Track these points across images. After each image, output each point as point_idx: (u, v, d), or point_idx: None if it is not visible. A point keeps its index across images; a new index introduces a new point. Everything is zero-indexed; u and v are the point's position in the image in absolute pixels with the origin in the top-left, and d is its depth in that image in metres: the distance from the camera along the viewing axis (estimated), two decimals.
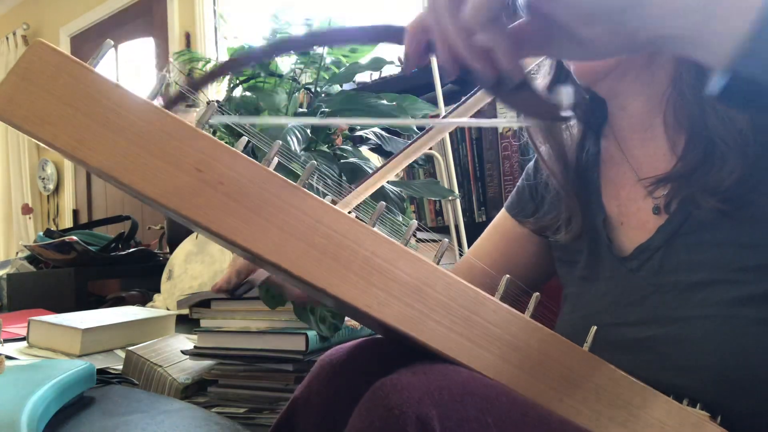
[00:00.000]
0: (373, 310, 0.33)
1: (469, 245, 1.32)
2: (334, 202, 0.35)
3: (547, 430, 0.34)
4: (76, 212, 3.30)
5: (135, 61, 2.99)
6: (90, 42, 3.16)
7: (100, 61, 0.31)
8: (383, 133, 1.05)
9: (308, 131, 0.91)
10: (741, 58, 0.25)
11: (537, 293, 0.39)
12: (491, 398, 0.34)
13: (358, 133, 1.07)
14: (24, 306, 1.58)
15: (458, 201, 1.30)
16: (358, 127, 1.05)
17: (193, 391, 0.85)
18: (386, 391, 0.32)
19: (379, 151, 1.12)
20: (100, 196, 3.19)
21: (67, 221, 3.27)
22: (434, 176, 1.38)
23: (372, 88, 1.50)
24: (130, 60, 3.02)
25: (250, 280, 0.46)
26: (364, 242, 0.34)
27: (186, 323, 1.08)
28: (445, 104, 1.29)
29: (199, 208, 0.31)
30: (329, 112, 1.01)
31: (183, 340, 0.96)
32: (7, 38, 3.51)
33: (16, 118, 0.29)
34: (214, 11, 2.63)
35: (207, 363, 0.85)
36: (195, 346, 0.84)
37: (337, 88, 1.04)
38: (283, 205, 0.33)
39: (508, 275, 0.39)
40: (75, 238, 1.59)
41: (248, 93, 1.07)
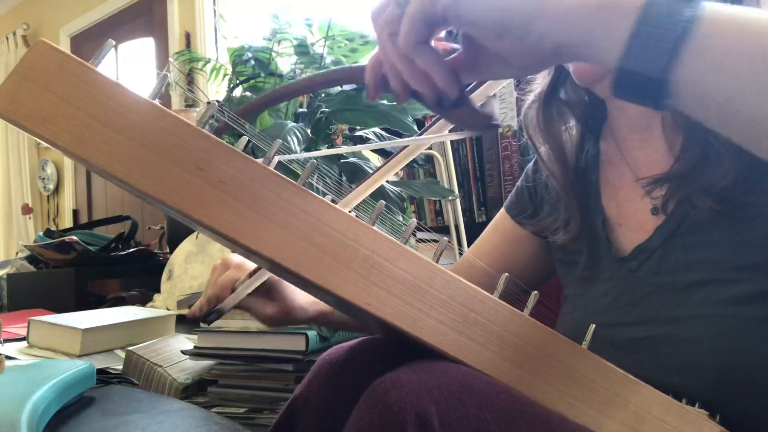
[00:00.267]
0: (372, 307, 0.34)
1: (469, 245, 1.32)
2: (334, 202, 0.35)
3: (546, 428, 0.34)
4: (76, 212, 3.30)
5: (135, 61, 2.99)
6: (90, 42, 3.16)
7: (101, 61, 0.31)
8: (383, 134, 1.05)
9: (308, 131, 0.91)
10: (626, 57, 0.28)
11: (536, 291, 0.39)
12: (490, 395, 0.34)
13: (358, 134, 1.07)
14: (24, 306, 1.58)
15: (458, 201, 1.30)
16: (358, 127, 1.05)
17: (193, 391, 0.85)
18: (386, 388, 0.32)
19: (379, 151, 1.12)
20: (100, 196, 3.19)
21: (67, 221, 3.28)
22: (434, 176, 1.39)
23: None
24: (130, 60, 3.02)
25: (219, 308, 0.49)
26: (364, 241, 0.34)
27: (186, 323, 1.08)
28: None
29: (200, 207, 0.32)
30: (329, 112, 1.01)
31: (183, 340, 0.96)
32: (7, 38, 3.51)
33: (19, 117, 0.29)
34: (214, 11, 2.63)
35: (207, 363, 0.85)
36: (195, 346, 0.84)
37: (337, 88, 1.04)
38: (283, 203, 0.33)
39: (507, 273, 0.39)
40: (75, 238, 1.59)
41: (248, 93, 1.07)
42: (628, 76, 0.28)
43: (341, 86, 1.03)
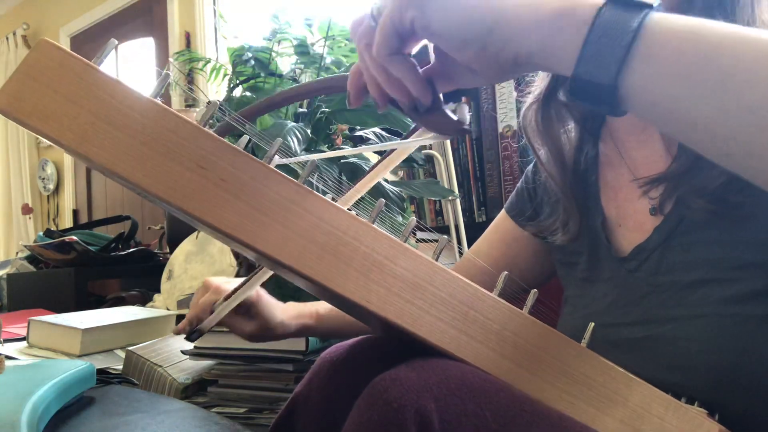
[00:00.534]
0: (372, 305, 0.34)
1: (469, 245, 1.32)
2: (334, 200, 0.35)
3: (546, 425, 0.34)
4: (76, 212, 3.30)
5: (135, 61, 2.99)
6: (90, 42, 3.16)
7: (104, 60, 0.31)
8: (383, 133, 1.05)
9: (308, 131, 0.91)
10: (579, 65, 0.30)
11: (535, 289, 0.39)
12: (490, 393, 0.34)
13: (358, 133, 1.08)
14: (24, 306, 1.58)
15: (458, 201, 1.30)
16: (358, 127, 1.05)
17: (193, 391, 0.85)
18: (385, 385, 0.32)
19: (380, 151, 1.12)
20: (100, 196, 3.19)
21: (67, 221, 3.28)
22: (434, 176, 1.39)
23: None
24: (130, 60, 3.02)
25: (199, 328, 0.52)
26: (364, 239, 0.34)
27: None
28: (445, 104, 1.29)
29: (201, 205, 0.32)
30: (329, 112, 1.01)
31: (183, 340, 0.96)
32: (7, 38, 3.51)
33: (23, 115, 0.29)
34: (214, 11, 2.63)
35: (207, 363, 0.85)
36: (195, 346, 0.84)
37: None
38: (284, 202, 0.33)
39: (506, 272, 0.39)
40: (75, 238, 1.59)
41: (248, 93, 1.07)
42: (582, 84, 0.30)
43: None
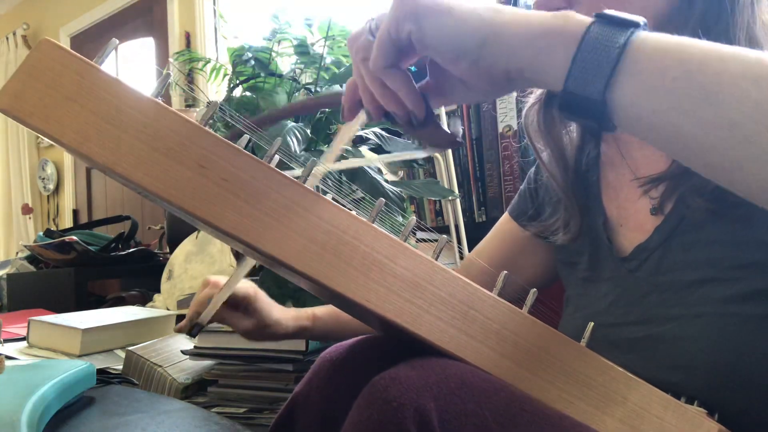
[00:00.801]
0: (372, 304, 0.34)
1: (469, 245, 1.32)
2: (334, 200, 0.36)
3: (545, 425, 0.34)
4: (76, 212, 3.30)
5: (135, 61, 2.99)
6: (90, 42, 3.16)
7: (105, 60, 0.31)
8: (383, 133, 1.05)
9: (308, 131, 0.91)
10: (568, 81, 0.30)
11: (534, 289, 0.39)
12: (489, 392, 0.34)
13: (358, 134, 1.07)
14: (24, 306, 1.58)
15: (458, 201, 1.30)
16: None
17: (193, 391, 0.85)
18: (385, 384, 0.32)
19: (379, 151, 1.12)
20: (100, 196, 3.19)
21: (67, 221, 3.28)
22: (434, 176, 1.39)
23: None
24: (130, 60, 3.02)
25: (199, 321, 0.53)
26: (364, 238, 0.34)
27: None
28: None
29: (202, 204, 0.32)
30: (329, 112, 1.01)
31: (183, 340, 0.96)
32: (7, 38, 3.51)
33: (24, 115, 0.30)
34: (214, 11, 2.63)
35: (207, 363, 0.85)
36: (195, 346, 0.85)
37: (337, 88, 1.04)
38: (284, 201, 0.33)
39: (505, 271, 0.39)
40: (75, 238, 1.59)
41: (248, 93, 1.07)
42: (571, 99, 0.31)
43: (341, 85, 1.03)
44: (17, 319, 1.24)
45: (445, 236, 0.39)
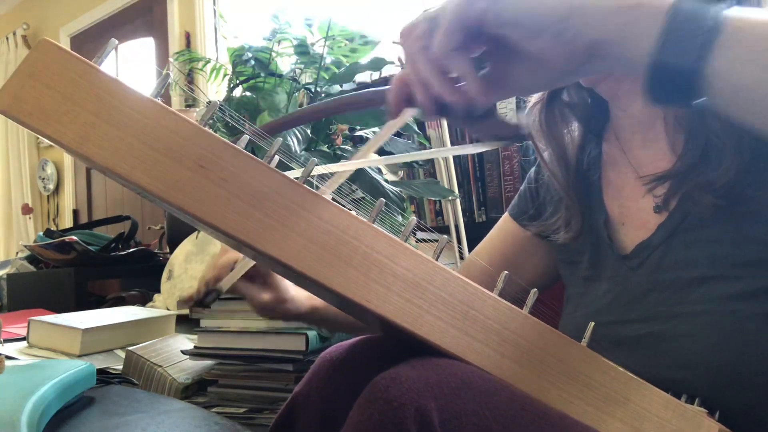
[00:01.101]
0: (372, 305, 0.34)
1: (469, 245, 1.32)
2: (334, 200, 0.35)
3: (546, 425, 0.34)
4: (76, 212, 3.30)
5: (135, 61, 2.99)
6: (90, 42, 3.16)
7: (104, 60, 0.31)
8: None
9: (308, 131, 0.91)
10: (659, 51, 0.29)
11: (535, 289, 0.39)
12: (490, 392, 0.34)
13: (358, 133, 1.07)
14: (24, 306, 1.58)
15: (458, 201, 1.30)
16: (358, 127, 1.05)
17: (193, 391, 0.85)
18: (385, 384, 0.32)
19: (379, 150, 1.12)
20: (100, 196, 3.19)
21: (67, 221, 3.28)
22: (434, 176, 1.39)
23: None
24: (130, 60, 3.02)
25: (217, 288, 0.49)
26: (364, 238, 0.34)
27: (186, 323, 1.08)
28: None
29: (201, 205, 0.32)
30: None
31: (183, 340, 0.96)
32: (7, 38, 3.51)
33: (23, 115, 0.29)
34: (214, 11, 2.63)
35: (207, 363, 0.85)
36: (195, 346, 0.84)
37: (337, 88, 1.04)
38: (284, 201, 0.33)
39: (506, 272, 0.39)
40: (75, 238, 1.59)
41: (248, 93, 1.07)
42: (661, 72, 0.30)
43: (341, 85, 1.03)
44: (17, 319, 1.24)
45: (446, 236, 0.39)
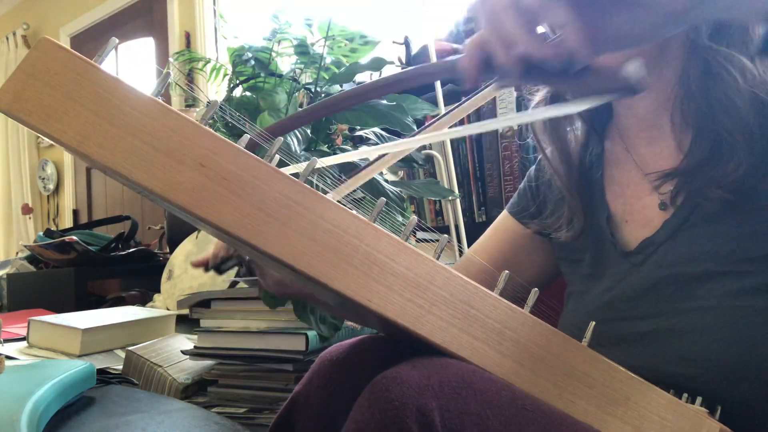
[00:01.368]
0: (373, 304, 0.34)
1: (469, 245, 1.32)
2: (335, 200, 0.35)
3: (547, 424, 0.34)
4: (76, 212, 3.30)
5: (135, 61, 2.99)
6: (90, 42, 3.16)
7: (105, 59, 0.31)
8: (383, 133, 1.05)
9: (308, 131, 0.91)
10: None
11: (536, 289, 0.39)
12: (491, 392, 0.34)
13: (358, 133, 1.07)
14: (24, 306, 1.58)
15: (458, 201, 1.30)
16: (358, 127, 1.05)
17: (193, 391, 0.85)
18: (387, 383, 0.32)
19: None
20: (100, 196, 3.19)
21: (67, 221, 3.28)
22: (434, 176, 1.39)
23: None
24: (130, 60, 3.02)
25: (236, 256, 0.46)
26: (365, 237, 0.34)
27: (186, 323, 1.08)
28: (445, 104, 1.29)
29: (202, 203, 0.32)
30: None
31: (183, 340, 0.96)
32: (7, 38, 3.51)
33: (23, 114, 0.29)
34: (214, 11, 2.63)
35: (207, 363, 0.85)
36: (195, 346, 0.84)
37: (338, 88, 1.04)
38: (285, 200, 0.33)
39: (507, 271, 0.39)
40: (75, 238, 1.59)
41: (248, 93, 1.07)
42: None
43: (341, 85, 1.03)
44: (17, 319, 1.24)
45: (446, 236, 0.39)
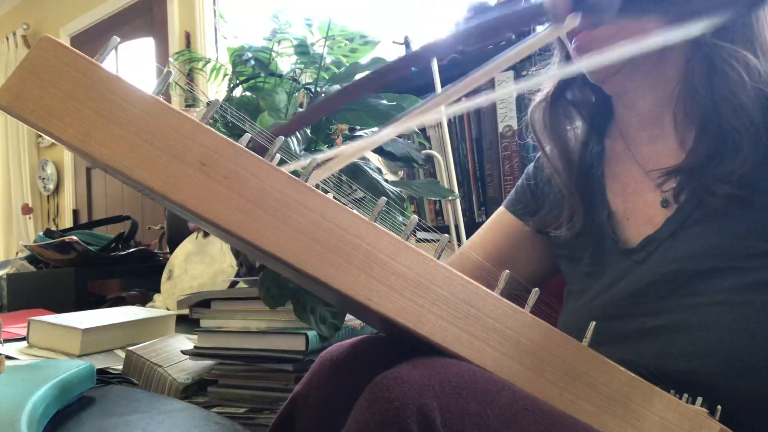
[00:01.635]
0: (374, 303, 0.34)
1: None
2: (336, 199, 0.35)
3: (548, 424, 0.34)
4: (76, 212, 3.30)
5: (135, 61, 2.99)
6: (90, 42, 3.16)
7: (106, 57, 0.31)
8: None
9: (308, 131, 0.91)
10: None
11: (536, 288, 0.39)
12: (492, 392, 0.34)
13: (358, 133, 1.07)
14: (24, 306, 1.58)
15: (458, 201, 1.30)
16: (358, 127, 1.05)
17: (193, 391, 0.85)
18: (387, 383, 0.32)
19: (379, 151, 1.12)
20: (100, 196, 3.19)
21: (67, 221, 3.28)
22: (434, 176, 1.39)
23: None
24: (130, 60, 3.02)
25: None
26: (365, 237, 0.34)
27: (186, 323, 1.08)
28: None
29: (202, 202, 0.32)
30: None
31: (183, 340, 0.96)
32: (7, 38, 3.51)
33: (24, 113, 0.29)
34: (214, 11, 2.63)
35: (207, 363, 0.85)
36: (195, 346, 0.84)
37: (337, 87, 1.03)
38: (285, 199, 0.33)
39: (507, 271, 0.39)
40: (75, 238, 1.59)
41: (248, 93, 1.07)
42: None
43: (341, 85, 1.03)
44: (17, 319, 1.24)
45: (447, 235, 0.39)
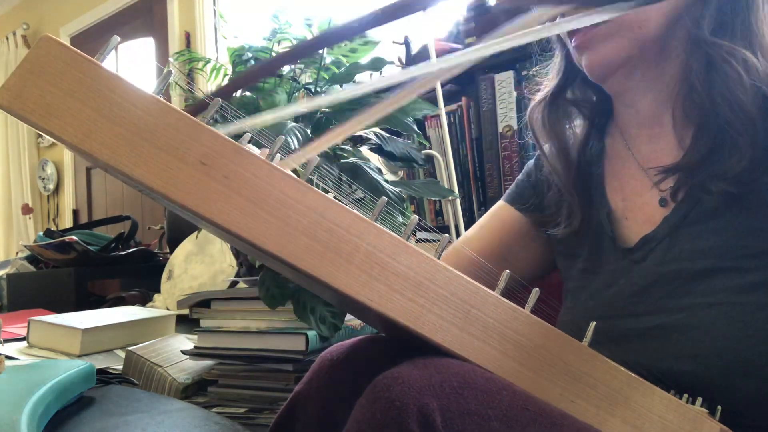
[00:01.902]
0: (374, 303, 0.34)
1: None
2: (336, 199, 0.35)
3: (548, 424, 0.34)
4: (76, 212, 3.30)
5: (135, 61, 2.99)
6: (90, 42, 3.16)
7: (106, 57, 0.31)
8: (383, 134, 1.05)
9: (308, 131, 0.91)
10: None
11: (537, 288, 0.39)
12: (492, 392, 0.34)
13: (358, 133, 1.07)
14: (24, 306, 1.58)
15: (458, 201, 1.30)
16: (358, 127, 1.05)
17: (193, 391, 0.85)
18: (387, 383, 0.32)
19: (379, 151, 1.12)
20: (100, 196, 3.19)
21: (67, 221, 3.28)
22: (434, 176, 1.39)
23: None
24: (130, 59, 3.02)
25: None
26: (366, 236, 0.34)
27: (186, 323, 1.08)
28: (445, 104, 1.29)
29: (203, 202, 0.32)
30: (329, 112, 1.01)
31: (183, 340, 0.96)
32: (7, 38, 3.51)
33: (25, 112, 0.29)
34: (214, 11, 2.64)
35: (207, 363, 0.85)
36: (195, 346, 0.84)
37: (337, 89, 1.03)
38: (286, 199, 0.33)
39: (508, 271, 0.39)
40: (75, 238, 1.59)
41: (248, 93, 1.07)
42: None
43: (341, 85, 1.03)
44: (17, 319, 1.24)
45: (447, 235, 0.39)
